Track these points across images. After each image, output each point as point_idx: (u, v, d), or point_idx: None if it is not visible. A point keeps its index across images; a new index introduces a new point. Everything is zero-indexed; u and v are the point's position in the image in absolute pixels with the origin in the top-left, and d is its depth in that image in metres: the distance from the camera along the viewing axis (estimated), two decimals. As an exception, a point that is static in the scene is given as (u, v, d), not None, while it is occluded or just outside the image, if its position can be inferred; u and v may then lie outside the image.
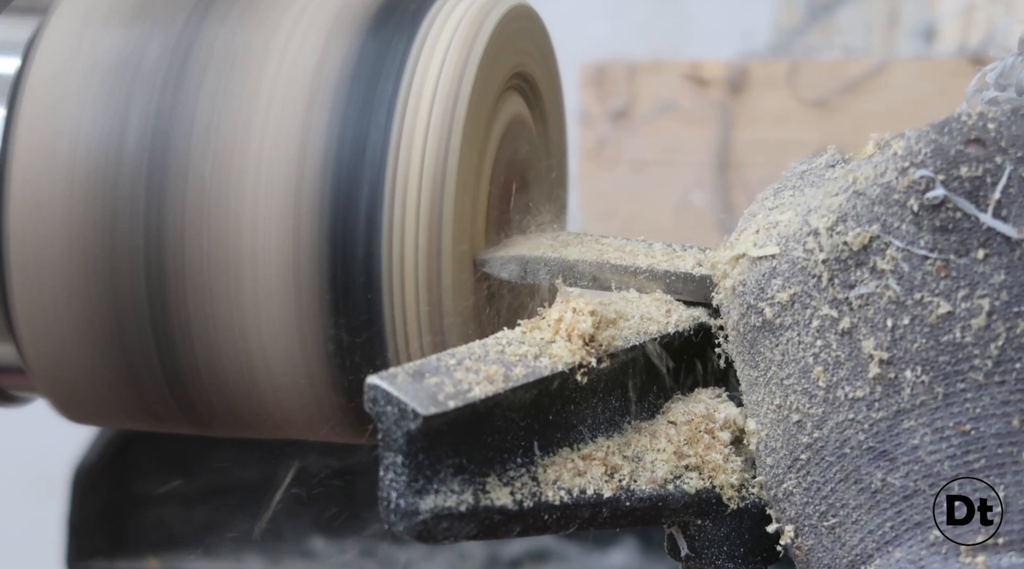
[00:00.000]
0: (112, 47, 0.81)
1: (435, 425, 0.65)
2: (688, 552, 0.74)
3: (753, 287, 0.70)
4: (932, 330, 0.67)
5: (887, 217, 0.68)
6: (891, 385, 0.67)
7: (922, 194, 0.67)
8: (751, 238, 0.71)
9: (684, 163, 1.22)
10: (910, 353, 0.67)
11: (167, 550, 1.30)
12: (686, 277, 0.76)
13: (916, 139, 0.67)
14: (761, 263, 0.70)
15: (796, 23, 1.31)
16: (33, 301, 0.81)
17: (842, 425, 0.68)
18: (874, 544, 0.68)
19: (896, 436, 0.67)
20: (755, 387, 0.71)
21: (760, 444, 0.71)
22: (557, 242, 0.81)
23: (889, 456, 0.67)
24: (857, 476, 0.68)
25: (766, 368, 0.70)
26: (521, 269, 0.80)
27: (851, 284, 0.68)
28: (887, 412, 0.67)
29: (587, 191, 1.23)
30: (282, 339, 0.79)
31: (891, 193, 0.67)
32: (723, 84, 1.21)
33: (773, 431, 0.70)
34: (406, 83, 0.79)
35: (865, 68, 1.19)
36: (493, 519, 0.67)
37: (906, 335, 0.67)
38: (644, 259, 0.78)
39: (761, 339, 0.70)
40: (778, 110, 1.20)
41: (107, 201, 0.80)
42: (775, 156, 1.21)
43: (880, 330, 0.67)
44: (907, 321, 0.67)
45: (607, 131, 1.23)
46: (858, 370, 0.68)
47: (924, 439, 0.67)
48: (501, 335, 0.71)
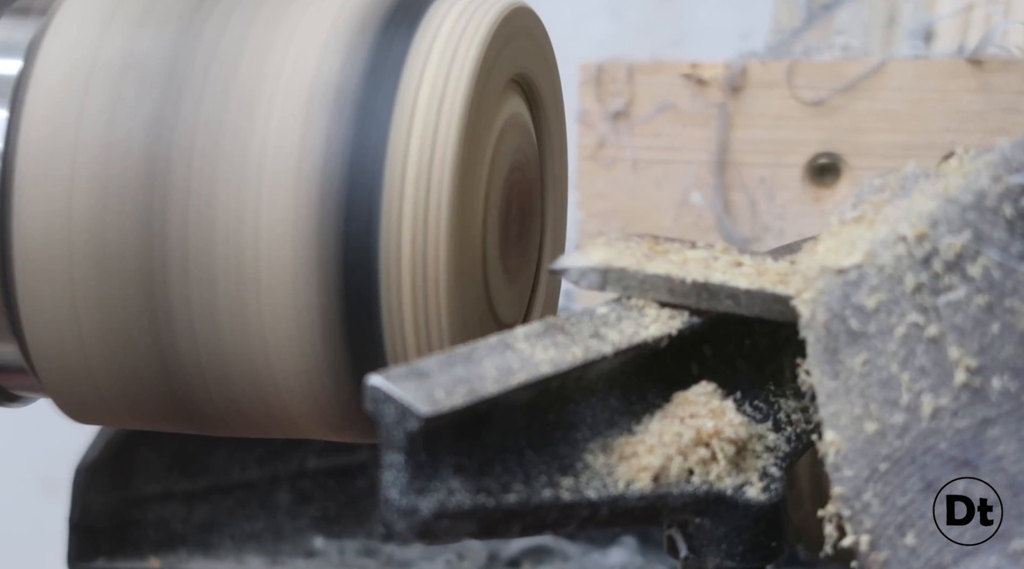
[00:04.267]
0: (114, 48, 0.81)
1: (435, 424, 0.66)
2: (687, 552, 0.74)
3: (839, 296, 0.70)
4: (1022, 338, 0.67)
5: (979, 223, 0.67)
6: (977, 393, 0.67)
7: (1016, 201, 0.67)
8: (835, 248, 0.71)
9: (683, 163, 1.23)
10: (998, 361, 0.67)
11: (168, 550, 1.30)
12: (772, 297, 0.74)
13: (1011, 148, 0.67)
14: (848, 272, 0.70)
15: (795, 23, 1.31)
16: (37, 301, 0.81)
17: (924, 434, 0.68)
18: (951, 556, 0.68)
19: (980, 445, 0.67)
20: (834, 398, 0.70)
21: (838, 456, 0.70)
22: (639, 251, 0.78)
23: (972, 465, 0.67)
24: (938, 486, 0.68)
25: (847, 378, 0.70)
26: (602, 280, 0.77)
27: (940, 291, 0.68)
28: (972, 420, 0.67)
29: (586, 191, 1.23)
30: (284, 338, 0.79)
31: (984, 199, 0.67)
32: (722, 84, 1.21)
33: (852, 442, 0.70)
34: (405, 83, 0.79)
35: (864, 68, 1.19)
36: (493, 518, 0.68)
37: (995, 343, 0.67)
38: (727, 275, 0.76)
39: (844, 348, 0.70)
40: (777, 110, 1.21)
41: (111, 201, 0.80)
42: (774, 156, 1.21)
43: (968, 337, 0.67)
44: (996, 329, 0.67)
45: (607, 131, 1.23)
46: (943, 378, 0.67)
47: (1009, 448, 0.67)
48: (503, 334, 0.72)
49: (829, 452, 0.70)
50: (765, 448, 0.75)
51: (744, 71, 1.21)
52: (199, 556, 1.31)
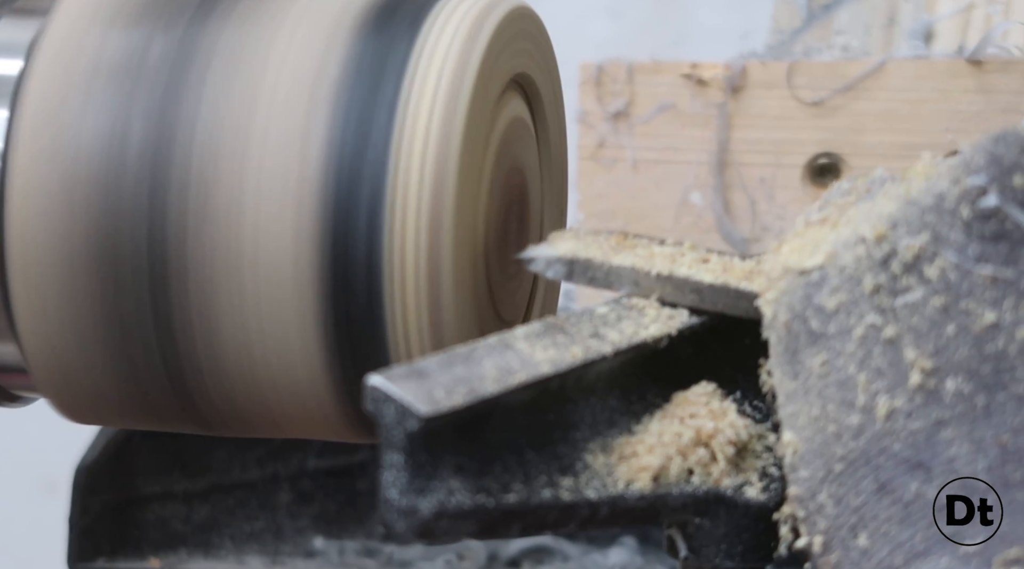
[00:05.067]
0: (114, 48, 0.81)
1: (435, 424, 0.66)
2: (687, 553, 0.74)
3: (800, 296, 0.70)
4: (976, 340, 0.67)
5: (938, 225, 0.67)
6: (932, 395, 0.67)
7: (974, 202, 0.67)
8: (799, 249, 0.71)
9: (683, 163, 1.23)
10: (953, 363, 0.67)
11: (168, 550, 1.30)
12: (737, 293, 0.75)
13: (971, 150, 0.67)
14: (810, 273, 0.70)
15: (795, 24, 1.31)
16: (35, 301, 0.81)
17: (879, 435, 0.68)
18: (903, 557, 0.68)
19: (933, 446, 0.67)
20: (793, 398, 0.70)
21: (796, 456, 0.70)
22: (607, 244, 0.80)
23: (925, 467, 0.67)
24: (891, 487, 0.68)
25: (806, 378, 0.70)
26: (568, 270, 0.78)
27: (898, 292, 0.68)
28: (926, 422, 0.67)
29: (586, 191, 1.23)
30: (284, 338, 0.79)
31: (943, 201, 0.68)
32: (722, 84, 1.21)
33: (809, 443, 0.70)
34: (407, 84, 0.79)
35: (864, 68, 1.19)
36: (493, 517, 0.68)
37: (950, 344, 0.67)
38: (692, 269, 0.77)
39: (804, 349, 0.70)
40: (777, 110, 1.21)
41: (109, 201, 0.80)
42: (774, 156, 1.21)
43: (924, 339, 0.67)
44: (952, 330, 0.67)
45: (606, 131, 1.23)
46: (899, 379, 0.68)
47: (962, 450, 0.67)
48: (503, 334, 0.72)
49: (787, 453, 0.71)
50: (765, 448, 0.75)
51: (744, 71, 1.21)
52: (199, 556, 1.31)
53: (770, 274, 0.71)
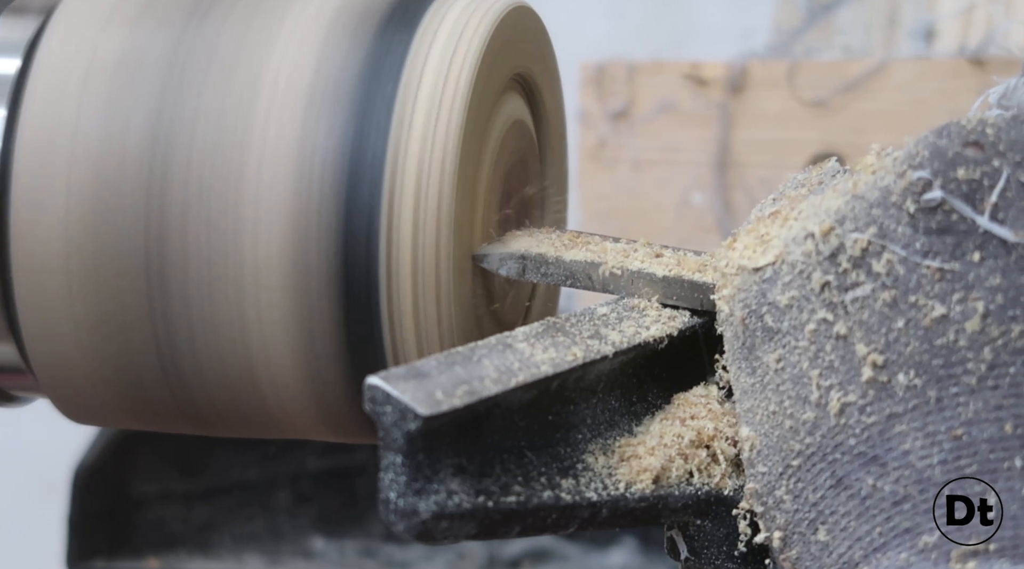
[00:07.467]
0: (113, 48, 0.81)
1: (434, 425, 0.65)
2: (688, 554, 0.74)
3: (755, 293, 0.70)
4: (926, 333, 0.67)
5: (884, 220, 0.67)
6: (884, 389, 0.67)
7: (919, 196, 0.67)
8: (752, 245, 0.71)
9: (684, 163, 1.23)
10: (903, 357, 0.67)
11: (167, 550, 1.30)
12: (690, 284, 0.76)
13: (915, 143, 0.67)
14: (763, 269, 0.70)
15: (796, 23, 1.31)
16: (35, 301, 0.81)
17: (834, 430, 0.68)
18: (862, 551, 0.68)
19: (887, 441, 0.67)
20: (750, 394, 0.71)
21: (753, 451, 0.70)
22: (559, 241, 0.81)
23: (880, 461, 0.67)
24: (847, 482, 0.68)
25: (763, 374, 0.70)
26: (520, 267, 0.80)
27: (847, 287, 0.68)
28: (879, 417, 0.67)
29: (587, 191, 1.23)
30: (283, 338, 0.79)
31: (889, 196, 0.67)
32: (723, 84, 1.21)
33: (766, 438, 0.70)
34: (405, 84, 0.79)
35: (865, 68, 1.19)
36: (493, 519, 0.68)
37: (900, 338, 0.67)
38: (644, 263, 0.78)
39: (759, 345, 0.70)
40: (778, 110, 1.21)
41: (109, 201, 0.80)
42: (775, 156, 1.21)
43: (874, 333, 0.67)
44: (901, 324, 0.67)
45: (607, 131, 1.23)
46: (851, 374, 0.68)
47: (916, 444, 0.67)
48: (503, 334, 0.71)
49: (745, 448, 0.71)
50: (766, 449, 0.75)
51: (745, 71, 1.21)
52: (198, 556, 1.31)
53: (725, 270, 0.71)
